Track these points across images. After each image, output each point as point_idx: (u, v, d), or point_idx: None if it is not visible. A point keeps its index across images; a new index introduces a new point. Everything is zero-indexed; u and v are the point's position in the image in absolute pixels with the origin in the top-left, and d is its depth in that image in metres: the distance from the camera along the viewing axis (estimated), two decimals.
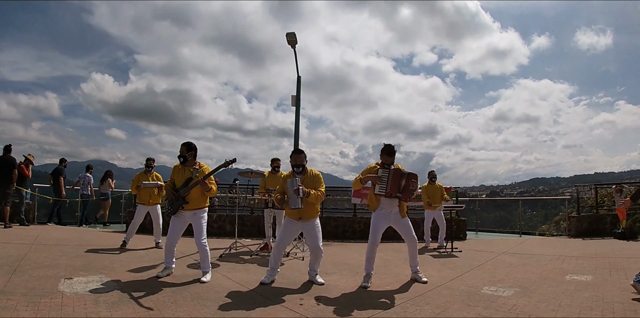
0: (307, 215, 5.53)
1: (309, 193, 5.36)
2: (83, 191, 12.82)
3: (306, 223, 5.58)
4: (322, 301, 4.68)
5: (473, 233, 13.06)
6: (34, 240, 8.17)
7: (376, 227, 5.66)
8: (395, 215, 5.62)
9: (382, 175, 5.48)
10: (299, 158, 5.56)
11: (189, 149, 5.72)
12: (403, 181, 5.44)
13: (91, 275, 5.39)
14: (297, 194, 5.27)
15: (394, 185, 5.43)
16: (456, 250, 8.55)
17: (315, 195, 5.43)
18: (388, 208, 5.61)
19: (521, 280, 5.77)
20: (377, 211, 5.67)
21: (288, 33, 11.66)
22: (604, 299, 4.73)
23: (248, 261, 7.01)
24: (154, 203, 8.11)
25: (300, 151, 5.63)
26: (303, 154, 5.60)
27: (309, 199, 5.39)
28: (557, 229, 14.98)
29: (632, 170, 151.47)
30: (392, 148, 5.57)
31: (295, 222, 5.58)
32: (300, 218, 5.53)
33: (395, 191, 5.44)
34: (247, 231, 10.64)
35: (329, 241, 10.16)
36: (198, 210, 5.66)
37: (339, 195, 12.28)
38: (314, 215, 5.64)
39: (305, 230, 5.65)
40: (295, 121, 12.38)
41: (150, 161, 8.32)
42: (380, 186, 5.49)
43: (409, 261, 5.86)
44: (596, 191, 12.42)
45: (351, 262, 7.18)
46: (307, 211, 5.51)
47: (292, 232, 5.71)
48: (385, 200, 5.57)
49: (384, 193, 5.47)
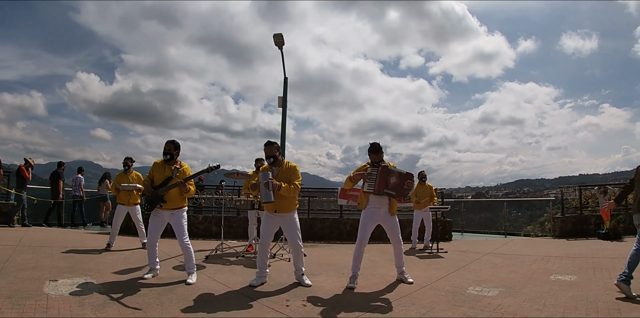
0: (282, 208, 5.45)
1: (280, 186, 5.27)
2: (75, 193, 12.78)
3: (283, 217, 5.52)
4: (308, 302, 4.69)
5: (459, 234, 13.14)
6: (18, 241, 8.06)
7: (365, 225, 5.64)
8: (384, 213, 5.61)
9: (372, 172, 5.49)
10: (269, 149, 5.50)
11: (176, 148, 5.70)
12: (393, 178, 5.43)
13: (76, 277, 5.34)
14: (267, 188, 5.21)
15: (381, 182, 5.42)
16: (442, 250, 8.60)
17: (287, 188, 5.34)
18: (377, 206, 5.60)
19: (506, 280, 5.82)
20: (366, 209, 5.66)
21: (275, 34, 11.67)
22: (587, 298, 4.79)
23: (234, 263, 6.99)
24: (133, 203, 8.07)
25: (271, 142, 5.53)
26: (275, 145, 5.54)
27: (281, 192, 5.30)
28: (542, 230, 15.13)
29: (616, 172, 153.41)
30: (377, 145, 5.59)
31: (272, 216, 5.52)
32: (276, 211, 5.46)
33: (382, 188, 5.42)
34: (234, 233, 10.59)
35: (315, 242, 10.17)
36: (176, 210, 5.60)
37: (325, 196, 12.27)
38: (290, 207, 5.55)
39: (283, 224, 5.58)
40: (282, 122, 12.40)
41: (127, 160, 8.27)
42: (369, 183, 5.50)
43: (395, 262, 5.87)
44: (580, 192, 12.54)
45: (338, 263, 7.21)
46: (282, 204, 5.43)
47: (271, 226, 5.60)
48: (375, 198, 5.58)
49: (372, 190, 5.47)
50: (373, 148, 5.59)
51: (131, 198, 8.02)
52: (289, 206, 5.53)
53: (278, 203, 5.36)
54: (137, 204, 8.11)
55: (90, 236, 9.87)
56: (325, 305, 4.59)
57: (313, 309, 4.44)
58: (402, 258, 5.83)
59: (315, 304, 4.62)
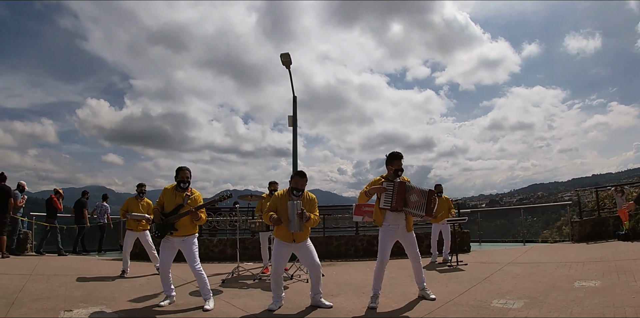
0: (301, 237, 5.41)
1: (309, 217, 5.29)
2: (100, 220, 13.02)
3: (299, 245, 5.45)
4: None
5: (477, 245, 12.95)
6: (32, 270, 8.03)
7: (384, 244, 5.53)
8: (401, 229, 5.53)
9: (387, 187, 5.40)
10: (302, 181, 5.47)
11: (191, 175, 5.67)
12: (413, 196, 5.33)
13: (91, 306, 5.27)
14: (301, 219, 5.18)
15: (399, 199, 5.33)
16: (461, 263, 8.43)
17: (313, 220, 5.38)
18: (394, 222, 5.51)
19: (529, 290, 5.67)
20: (383, 227, 5.56)
21: (282, 54, 11.70)
22: (614, 304, 4.66)
23: (251, 286, 6.88)
24: (142, 229, 8.06)
25: (304, 174, 5.52)
26: (305, 179, 5.51)
27: (307, 223, 5.33)
28: (560, 234, 14.89)
29: (629, 170, 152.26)
30: (397, 153, 5.56)
31: (288, 244, 5.42)
32: (294, 240, 5.38)
33: (400, 205, 5.35)
34: (249, 254, 10.48)
35: (332, 261, 10.05)
36: (187, 237, 5.54)
37: (339, 214, 12.14)
38: (306, 236, 5.51)
39: (298, 251, 5.51)
40: (293, 141, 12.38)
41: (142, 187, 8.28)
42: (386, 199, 5.40)
43: (415, 278, 5.75)
44: (597, 194, 12.36)
45: (355, 282, 7.05)
46: (301, 234, 5.39)
47: (286, 254, 5.52)
48: (392, 214, 5.49)
49: (389, 207, 5.37)
50: (393, 155, 5.56)
51: (140, 224, 8.00)
52: (306, 234, 5.51)
53: (298, 233, 5.32)
54: (146, 229, 8.10)
55: (104, 263, 9.83)
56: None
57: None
58: (422, 274, 5.72)
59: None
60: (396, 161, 5.52)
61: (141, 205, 8.09)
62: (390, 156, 5.57)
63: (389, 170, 5.59)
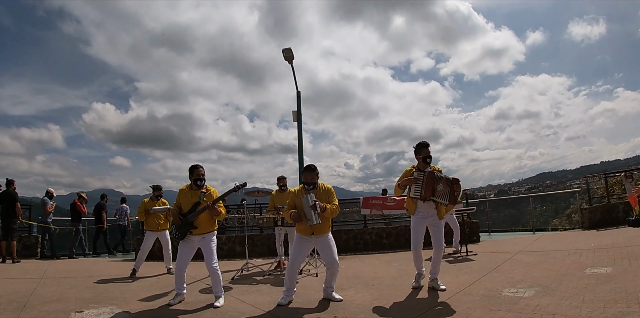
0: (320, 230, 5.34)
1: (325, 207, 5.22)
2: (120, 222, 13.52)
3: (319, 239, 5.39)
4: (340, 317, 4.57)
5: (486, 235, 12.91)
6: (42, 273, 8.08)
7: (416, 231, 5.67)
8: (432, 217, 5.64)
9: (417, 177, 5.49)
10: (311, 176, 5.40)
11: (204, 172, 5.68)
12: (440, 185, 5.45)
13: (102, 307, 5.29)
14: (315, 210, 5.14)
15: (428, 189, 5.45)
16: (471, 253, 8.41)
17: (330, 209, 5.28)
18: (425, 211, 5.63)
19: (541, 279, 5.64)
20: (415, 215, 5.68)
21: (284, 49, 11.70)
22: (627, 290, 4.62)
23: (261, 282, 6.88)
24: (162, 229, 8.09)
25: (312, 168, 5.42)
26: (315, 172, 5.43)
27: (325, 214, 5.25)
28: (570, 222, 14.84)
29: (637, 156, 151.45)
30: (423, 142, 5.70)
31: (308, 238, 5.39)
32: (313, 234, 5.34)
33: (429, 194, 5.47)
34: (258, 251, 10.52)
35: (341, 254, 9.98)
36: (207, 234, 5.54)
37: (347, 207, 12.12)
38: (326, 229, 5.43)
39: (318, 245, 5.44)
40: (298, 136, 12.37)
41: (159, 190, 8.36)
42: (416, 189, 5.51)
43: (431, 267, 5.75)
44: (606, 180, 12.28)
45: (365, 275, 7.05)
46: (321, 226, 5.32)
47: (305, 249, 5.50)
48: (422, 203, 5.60)
49: (419, 196, 5.49)
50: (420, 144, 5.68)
51: (160, 224, 8.04)
52: (326, 227, 5.43)
53: (317, 225, 5.26)
54: (166, 229, 8.14)
55: (114, 264, 9.89)
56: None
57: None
58: (439, 265, 5.75)
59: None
60: (424, 150, 5.64)
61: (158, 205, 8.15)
62: (418, 145, 5.70)
63: (418, 159, 5.72)
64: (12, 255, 9.98)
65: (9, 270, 8.70)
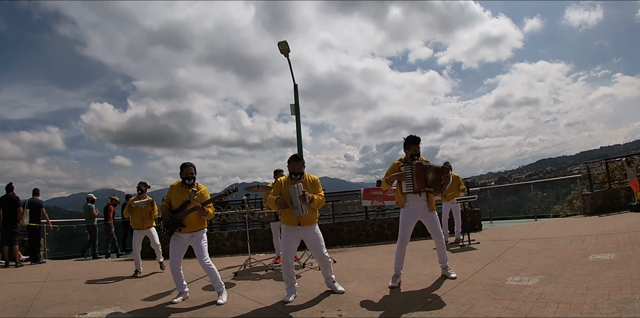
0: (307, 220, 5.29)
1: (312, 198, 5.21)
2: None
3: (306, 230, 5.34)
4: (344, 311, 4.55)
5: (488, 222, 12.93)
6: (45, 277, 8.07)
7: (405, 224, 5.55)
8: (423, 209, 5.54)
9: (405, 172, 5.41)
10: (298, 165, 5.41)
11: (195, 170, 5.63)
12: (430, 174, 5.35)
13: (106, 308, 5.28)
14: (302, 201, 5.10)
15: (419, 181, 5.35)
16: (474, 242, 8.40)
17: (317, 200, 5.27)
18: (416, 203, 5.52)
19: (544, 266, 5.62)
20: (405, 207, 5.58)
21: (280, 42, 11.68)
22: (631, 276, 4.60)
23: (264, 277, 6.86)
24: (147, 226, 8.05)
25: (299, 158, 5.45)
26: (302, 162, 5.45)
27: (312, 205, 5.22)
28: (571, 208, 14.82)
29: (637, 140, 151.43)
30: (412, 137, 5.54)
31: (294, 229, 5.33)
32: (300, 224, 5.28)
33: (422, 186, 5.36)
34: (260, 246, 10.54)
35: (343, 247, 10.03)
36: (196, 232, 5.50)
37: (348, 199, 12.11)
38: (313, 220, 5.40)
39: (305, 237, 5.40)
40: (297, 128, 12.37)
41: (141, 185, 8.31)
42: (407, 183, 5.41)
43: (438, 257, 5.76)
44: (607, 166, 12.25)
45: (368, 267, 7.04)
46: (308, 217, 5.26)
47: (294, 240, 5.39)
48: (412, 195, 5.50)
49: (412, 190, 5.40)
50: (409, 139, 5.54)
51: (145, 222, 8.00)
52: (313, 218, 5.39)
53: (304, 215, 5.20)
54: (152, 227, 8.12)
55: (117, 265, 9.90)
56: (361, 312, 4.47)
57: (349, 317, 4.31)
58: (444, 253, 5.73)
59: (351, 312, 4.49)
60: (412, 146, 5.51)
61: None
62: (406, 140, 5.57)
63: (406, 154, 5.60)
64: (15, 259, 9.97)
65: (13, 274, 8.68)
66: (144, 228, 8.02)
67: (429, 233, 5.68)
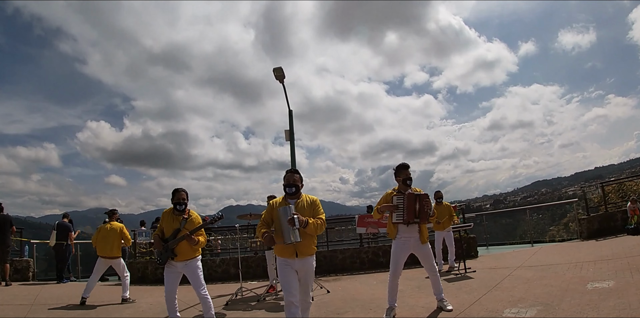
0: (304, 249, 4.44)
1: (307, 222, 4.32)
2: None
3: (304, 262, 4.47)
4: None
5: (484, 248, 12.82)
6: (33, 299, 7.86)
7: (397, 257, 5.46)
8: (415, 241, 5.44)
9: (398, 203, 5.36)
10: (292, 177, 4.61)
11: (187, 196, 5.48)
12: (417, 204, 5.32)
13: None
14: (293, 226, 4.23)
15: (410, 211, 5.30)
16: (470, 270, 8.24)
17: (314, 224, 4.38)
18: (408, 235, 5.44)
19: (542, 296, 5.50)
20: (396, 239, 5.50)
21: (275, 68, 11.70)
22: (630, 306, 4.51)
23: (255, 308, 6.67)
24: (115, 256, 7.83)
25: (294, 170, 4.73)
26: (297, 175, 4.67)
27: (307, 230, 4.34)
28: (567, 231, 14.76)
29: (631, 160, 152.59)
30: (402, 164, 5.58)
31: (292, 261, 4.43)
32: (297, 255, 4.41)
33: (412, 217, 5.31)
34: (252, 273, 10.38)
35: (337, 275, 9.88)
36: (189, 261, 5.32)
37: (343, 225, 11.98)
38: (311, 249, 4.53)
39: (301, 270, 4.50)
40: (291, 154, 12.33)
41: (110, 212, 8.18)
42: (397, 213, 5.36)
43: (433, 289, 5.63)
44: (603, 189, 12.22)
45: (363, 298, 6.84)
46: (305, 245, 4.42)
47: (293, 274, 4.45)
48: (404, 227, 5.43)
49: (402, 220, 5.33)
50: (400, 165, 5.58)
51: (113, 251, 7.78)
52: (311, 247, 4.55)
53: (301, 244, 4.35)
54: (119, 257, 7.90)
55: (106, 289, 9.63)
56: None
57: None
58: (439, 285, 5.61)
59: None
60: (403, 171, 5.52)
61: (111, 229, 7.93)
62: (397, 167, 5.59)
63: (398, 182, 5.59)
64: (5, 279, 9.83)
65: (0, 295, 8.44)
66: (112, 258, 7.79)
67: (423, 266, 5.59)
